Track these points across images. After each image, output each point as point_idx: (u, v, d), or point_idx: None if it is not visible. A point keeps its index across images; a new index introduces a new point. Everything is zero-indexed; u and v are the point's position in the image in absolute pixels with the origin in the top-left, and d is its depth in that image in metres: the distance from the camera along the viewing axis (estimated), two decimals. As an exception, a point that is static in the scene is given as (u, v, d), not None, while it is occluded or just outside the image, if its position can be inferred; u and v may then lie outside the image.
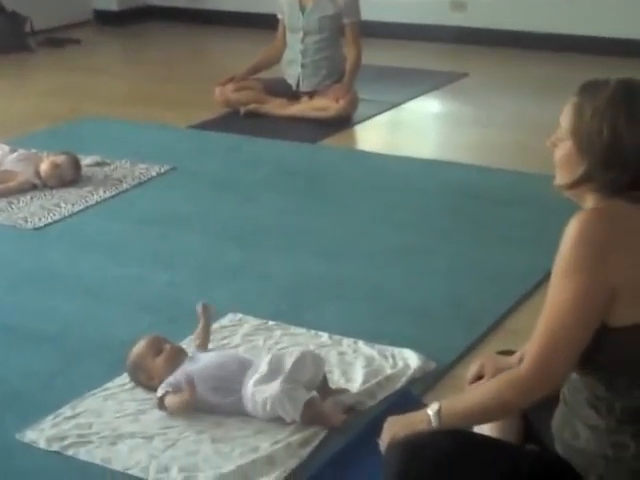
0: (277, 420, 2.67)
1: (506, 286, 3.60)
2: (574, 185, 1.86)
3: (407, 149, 5.42)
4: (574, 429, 1.91)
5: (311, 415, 2.60)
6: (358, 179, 4.92)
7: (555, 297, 1.81)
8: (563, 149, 1.88)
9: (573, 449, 1.92)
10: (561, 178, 1.90)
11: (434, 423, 1.93)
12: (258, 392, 2.63)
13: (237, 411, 2.70)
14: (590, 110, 1.83)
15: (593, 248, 1.76)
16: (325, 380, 2.72)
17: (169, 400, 2.73)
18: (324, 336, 3.19)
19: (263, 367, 2.69)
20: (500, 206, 4.43)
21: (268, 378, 2.66)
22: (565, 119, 1.88)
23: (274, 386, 2.60)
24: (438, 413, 1.94)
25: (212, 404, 2.72)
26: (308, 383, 2.67)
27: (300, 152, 5.36)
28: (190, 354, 2.89)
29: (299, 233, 4.22)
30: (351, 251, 4.01)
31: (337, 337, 3.18)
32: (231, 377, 2.72)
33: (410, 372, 2.93)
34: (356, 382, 2.88)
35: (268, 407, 2.62)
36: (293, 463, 2.52)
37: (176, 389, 2.71)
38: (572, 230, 1.79)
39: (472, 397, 1.94)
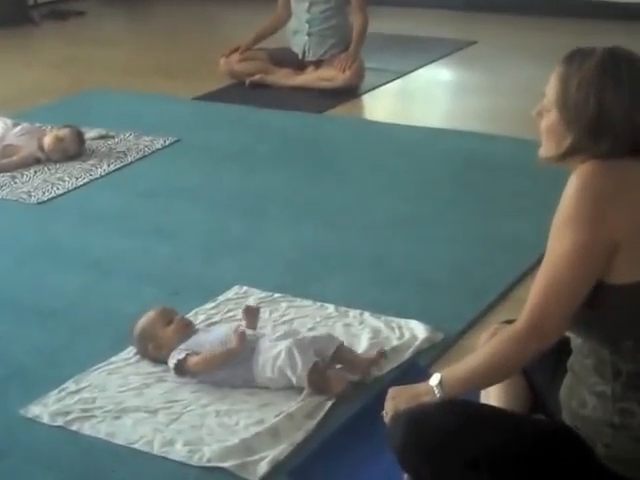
0: (282, 391, 2.66)
1: (513, 255, 3.55)
2: (561, 157, 1.86)
3: (414, 118, 5.40)
4: (581, 397, 1.91)
5: (316, 379, 2.60)
6: (364, 149, 4.89)
7: (553, 250, 1.80)
8: (549, 120, 1.87)
9: (580, 417, 1.91)
10: (547, 150, 1.88)
11: (438, 394, 1.92)
12: (272, 347, 2.65)
13: (244, 382, 2.69)
14: (576, 81, 1.82)
15: (594, 200, 1.76)
16: (339, 351, 2.72)
17: (192, 361, 2.70)
18: (330, 308, 3.17)
19: (280, 331, 2.76)
20: (508, 175, 4.40)
21: (284, 337, 2.70)
22: (551, 89, 1.86)
23: (286, 342, 2.63)
24: (440, 384, 1.93)
25: (221, 375, 2.71)
26: (318, 352, 2.67)
27: (306, 122, 5.33)
28: (197, 327, 2.91)
29: (304, 204, 4.20)
30: (356, 222, 3.98)
31: (343, 309, 3.15)
32: (245, 345, 2.73)
33: (417, 343, 2.91)
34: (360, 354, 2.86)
35: (279, 361, 2.60)
36: (299, 436, 2.51)
37: (194, 353, 2.71)
38: (574, 182, 1.79)
39: (472, 361, 1.93)
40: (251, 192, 4.37)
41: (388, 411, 1.98)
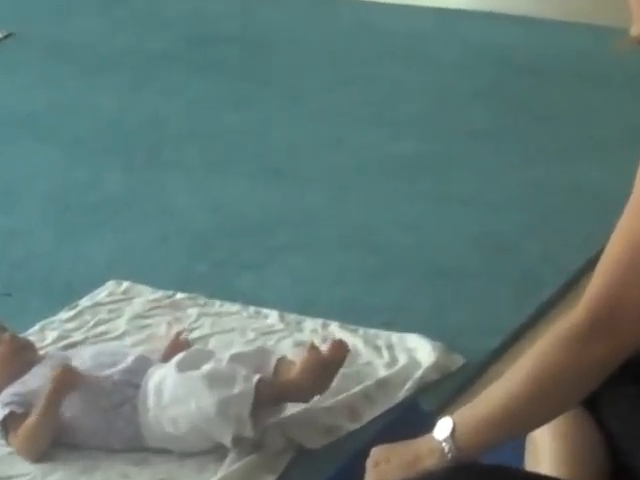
0: (192, 458, 2.29)
1: (584, 223, 3.06)
2: None
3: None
4: None
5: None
6: (332, 48, 4.39)
7: (619, 227, 1.51)
8: None
9: None
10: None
11: (449, 453, 1.54)
12: (182, 379, 2.35)
13: (126, 443, 2.32)
14: None
15: None
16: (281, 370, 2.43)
17: (25, 426, 2.36)
18: (272, 315, 2.75)
19: (182, 354, 2.46)
20: (573, 86, 3.96)
21: (193, 364, 2.40)
22: None
23: (197, 373, 2.35)
24: (453, 435, 1.55)
25: (85, 432, 2.34)
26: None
27: (231, 3, 4.77)
28: (43, 353, 2.56)
29: (229, 140, 3.70)
30: (317, 169, 3.50)
31: (293, 316, 2.74)
32: (124, 378, 2.38)
33: (419, 373, 2.53)
34: (326, 395, 2.49)
35: (194, 404, 2.28)
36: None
37: (25, 405, 2.37)
38: None
39: (501, 388, 1.60)
40: (138, 119, 3.86)
41: None
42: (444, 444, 1.58)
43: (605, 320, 1.56)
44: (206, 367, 2.38)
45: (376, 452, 1.67)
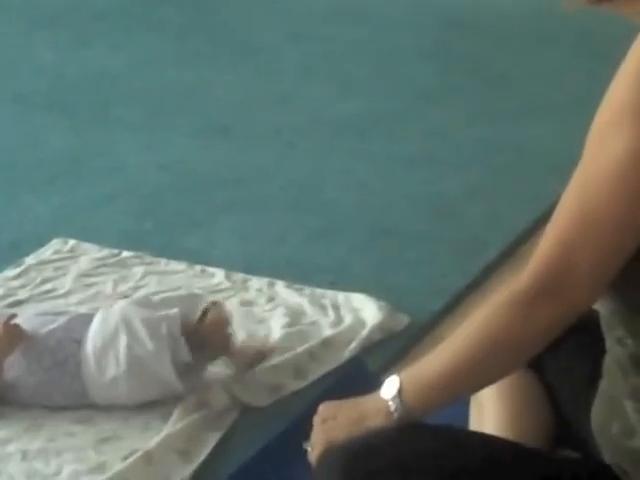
0: (136, 411, 2.29)
1: (527, 183, 3.13)
2: None
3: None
4: (623, 417, 1.56)
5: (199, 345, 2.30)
6: (280, 5, 4.50)
7: (589, 163, 1.50)
8: None
9: (625, 451, 1.57)
10: None
11: (395, 413, 1.55)
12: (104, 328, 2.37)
13: (70, 398, 2.31)
14: None
15: None
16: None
17: None
18: (218, 274, 2.77)
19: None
20: (517, 45, 4.04)
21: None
22: None
23: (118, 305, 2.37)
24: (399, 394, 1.56)
25: (27, 386, 2.31)
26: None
27: None
28: None
29: (176, 98, 3.75)
30: (265, 127, 3.53)
31: (240, 275, 2.76)
32: (67, 335, 2.36)
33: (364, 333, 2.54)
34: (284, 352, 2.51)
35: (120, 344, 2.31)
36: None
37: None
38: (638, 49, 1.48)
39: (448, 349, 1.60)
40: (81, 77, 3.86)
41: (315, 445, 1.61)
42: (390, 403, 1.59)
43: (553, 283, 1.56)
44: (117, 307, 2.38)
45: (324, 409, 1.68)
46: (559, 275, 1.54)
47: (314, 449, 1.66)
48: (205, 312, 2.40)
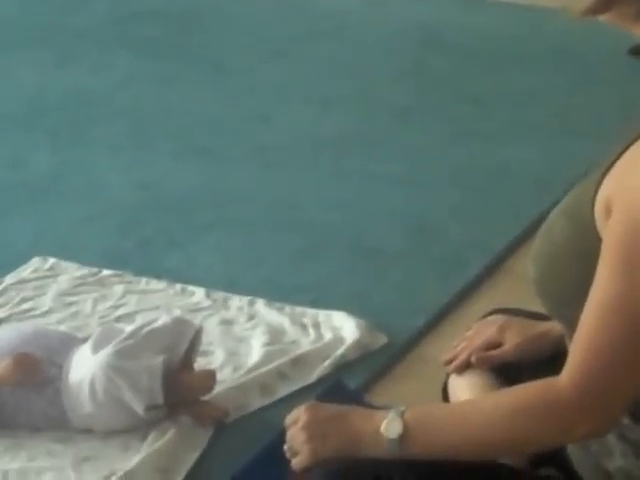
0: (117, 436, 2.28)
1: (505, 202, 3.12)
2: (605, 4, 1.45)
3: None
4: (603, 439, 1.58)
5: (175, 390, 2.30)
6: (259, 25, 4.50)
7: (611, 288, 1.42)
8: None
9: (603, 470, 1.60)
10: None
11: (388, 451, 1.51)
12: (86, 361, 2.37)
13: (51, 421, 2.29)
14: None
15: None
16: (191, 356, 2.42)
17: None
18: (198, 293, 2.76)
19: (97, 332, 2.44)
20: (496, 65, 4.04)
21: (103, 342, 2.40)
22: None
23: (105, 351, 2.34)
24: (401, 440, 1.51)
25: (12, 406, 2.30)
26: (163, 350, 2.40)
27: None
28: None
29: (155, 117, 3.72)
30: (244, 147, 3.52)
31: (221, 294, 2.76)
32: (47, 356, 2.34)
33: (340, 351, 2.53)
34: (252, 370, 2.50)
35: (101, 382, 2.29)
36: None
37: None
38: None
39: (467, 420, 1.54)
40: (63, 98, 3.81)
41: (298, 448, 1.55)
42: (387, 442, 1.56)
43: (597, 402, 1.54)
44: (114, 345, 2.36)
45: (308, 412, 1.62)
46: (603, 392, 1.52)
47: (300, 453, 1.60)
48: (193, 344, 2.39)
